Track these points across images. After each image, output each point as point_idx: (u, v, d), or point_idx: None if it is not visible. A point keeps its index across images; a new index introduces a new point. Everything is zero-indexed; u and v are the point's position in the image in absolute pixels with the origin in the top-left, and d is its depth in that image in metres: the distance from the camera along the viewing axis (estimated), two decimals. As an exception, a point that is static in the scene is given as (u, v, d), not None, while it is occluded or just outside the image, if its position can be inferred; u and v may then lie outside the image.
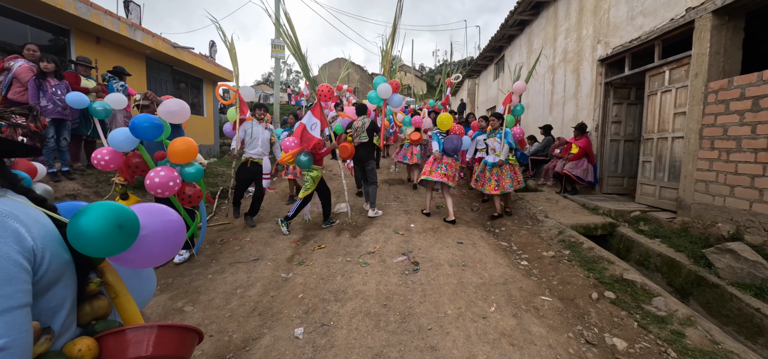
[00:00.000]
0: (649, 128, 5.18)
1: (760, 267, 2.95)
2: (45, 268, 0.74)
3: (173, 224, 1.04)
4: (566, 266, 3.51)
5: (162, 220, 1.02)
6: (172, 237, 1.04)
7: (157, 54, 7.72)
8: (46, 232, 0.77)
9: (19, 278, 0.66)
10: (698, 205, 4.02)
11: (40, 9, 5.36)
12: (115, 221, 0.82)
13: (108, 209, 0.83)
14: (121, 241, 0.84)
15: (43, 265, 0.73)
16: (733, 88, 3.67)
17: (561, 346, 2.31)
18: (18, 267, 0.67)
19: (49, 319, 0.77)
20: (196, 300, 2.92)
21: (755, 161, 3.41)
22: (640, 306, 2.78)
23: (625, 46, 5.41)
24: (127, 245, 0.87)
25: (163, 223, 1.02)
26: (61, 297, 0.79)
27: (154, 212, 1.03)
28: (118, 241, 0.84)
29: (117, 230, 0.82)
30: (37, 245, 0.72)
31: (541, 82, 8.54)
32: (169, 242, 1.03)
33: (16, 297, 0.65)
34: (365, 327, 2.48)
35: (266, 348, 2.30)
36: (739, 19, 3.94)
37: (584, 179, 6.05)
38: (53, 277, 0.76)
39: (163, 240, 1.01)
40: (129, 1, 7.81)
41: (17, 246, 0.68)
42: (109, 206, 0.84)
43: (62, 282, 0.79)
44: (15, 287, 0.65)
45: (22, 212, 0.74)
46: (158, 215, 1.02)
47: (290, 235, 4.40)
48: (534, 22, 8.96)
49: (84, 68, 4.96)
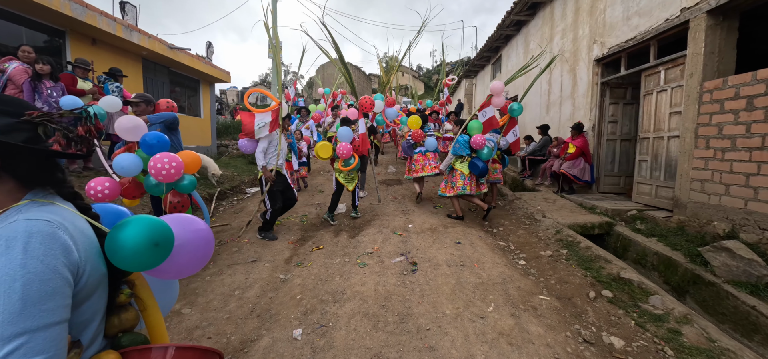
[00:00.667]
0: (645, 127, 5.21)
1: (755, 265, 2.97)
2: (84, 281, 0.73)
3: (203, 234, 1.03)
4: (564, 265, 3.52)
5: (192, 230, 1.01)
6: (202, 248, 1.03)
7: (153, 55, 7.69)
8: (89, 244, 0.75)
9: (63, 292, 0.66)
10: (694, 203, 4.05)
11: (34, 10, 5.32)
12: (151, 238, 0.82)
13: (146, 225, 0.82)
14: (156, 257, 0.84)
15: (83, 278, 0.72)
16: (727, 88, 3.70)
17: (559, 345, 2.32)
18: (64, 282, 0.66)
19: (80, 332, 0.75)
20: (194, 302, 2.91)
21: (750, 160, 3.44)
22: (637, 305, 2.79)
23: (620, 46, 5.44)
24: (162, 260, 0.87)
25: (193, 233, 1.01)
26: (94, 309, 0.78)
27: (184, 222, 1.02)
28: (153, 258, 0.84)
29: (153, 249, 0.82)
30: (81, 258, 0.71)
31: (538, 82, 8.56)
32: (199, 253, 1.03)
33: (59, 311, 0.64)
34: (364, 328, 2.48)
35: (265, 350, 2.29)
36: (733, 19, 3.97)
37: (581, 178, 6.08)
38: (89, 290, 0.75)
39: (193, 251, 1.01)
40: (125, 2, 7.77)
41: (64, 259, 0.67)
42: (147, 222, 0.83)
43: (96, 294, 0.78)
44: (59, 301, 0.64)
45: (70, 223, 0.73)
46: (188, 225, 1.01)
47: (288, 236, 4.39)
48: (530, 22, 8.99)
49: (82, 70, 4.93)
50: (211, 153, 9.85)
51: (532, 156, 7.85)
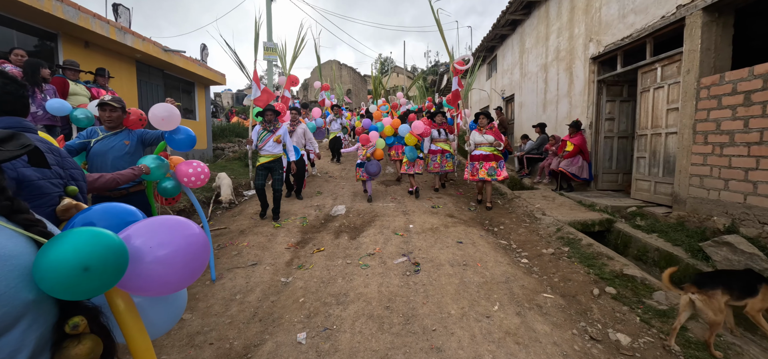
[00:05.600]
0: (642, 124, 5.24)
1: (756, 259, 2.99)
2: None
3: (194, 240, 0.88)
4: (566, 262, 3.52)
5: (183, 235, 0.85)
6: (192, 259, 0.87)
7: (147, 58, 7.59)
8: (3, 266, 0.60)
9: None
10: (693, 199, 4.07)
11: (25, 13, 5.22)
12: (78, 262, 0.63)
13: (73, 245, 0.64)
14: (89, 284, 0.66)
15: None
16: (724, 84, 3.73)
17: (566, 343, 2.30)
18: None
19: None
20: (194, 307, 2.86)
21: (748, 155, 3.46)
22: (641, 301, 2.79)
23: (617, 44, 5.47)
24: (106, 285, 0.70)
25: (184, 238, 0.85)
26: (14, 347, 0.61)
27: (174, 226, 0.86)
28: (85, 285, 0.65)
29: (81, 274, 0.64)
30: None
31: (535, 80, 8.61)
32: (189, 264, 0.86)
33: None
34: (369, 330, 2.45)
35: (269, 355, 2.25)
36: (728, 16, 4.00)
37: (579, 176, 6.10)
38: (6, 323, 0.59)
39: (182, 261, 0.84)
40: (118, 4, 7.67)
41: None
42: (77, 238, 0.66)
43: (19, 327, 0.62)
44: None
45: None
46: (179, 230, 0.85)
47: (288, 239, 4.34)
48: (526, 21, 9.03)
49: (72, 72, 4.84)
50: (207, 157, 9.76)
51: (530, 155, 7.87)
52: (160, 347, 2.37)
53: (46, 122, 4.21)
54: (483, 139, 5.47)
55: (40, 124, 4.17)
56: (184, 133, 2.81)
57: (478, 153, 5.48)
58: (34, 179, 1.17)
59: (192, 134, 2.89)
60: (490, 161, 5.38)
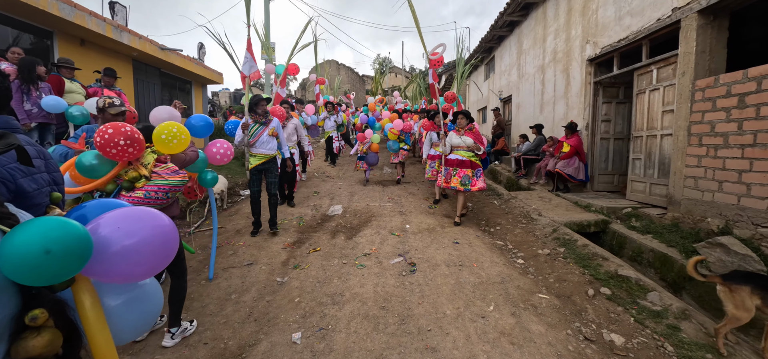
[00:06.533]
0: (638, 125, 5.27)
1: (749, 260, 3.01)
2: None
3: (161, 231, 0.93)
4: (562, 263, 3.53)
5: (151, 225, 0.91)
6: (159, 248, 0.92)
7: (144, 56, 7.56)
8: None
9: None
10: (688, 200, 4.10)
11: (21, 10, 5.19)
12: (40, 245, 0.66)
13: (36, 229, 0.67)
14: (54, 268, 0.68)
15: None
16: (719, 86, 3.75)
17: (560, 344, 2.31)
18: None
19: None
20: (188, 307, 2.84)
21: (742, 157, 3.49)
22: (635, 302, 2.81)
23: (613, 46, 5.50)
24: (69, 270, 0.72)
25: (152, 228, 0.90)
26: None
27: (143, 216, 0.91)
28: (50, 269, 0.67)
29: (42, 257, 0.66)
30: None
31: (532, 82, 8.64)
32: (156, 253, 0.91)
33: None
34: (364, 330, 2.45)
35: (264, 354, 2.25)
36: (723, 19, 4.03)
37: (576, 177, 6.12)
38: None
39: (149, 250, 0.89)
40: (114, 2, 7.64)
41: None
42: (40, 223, 0.68)
43: None
44: None
45: None
46: (148, 221, 0.91)
47: (284, 238, 4.33)
48: (523, 22, 9.06)
49: (67, 70, 4.81)
50: (204, 156, 9.72)
51: (527, 155, 7.90)
52: (155, 347, 2.36)
53: (40, 119, 4.18)
54: (460, 141, 4.75)
55: (34, 121, 4.15)
56: (202, 120, 3.06)
57: (453, 157, 4.77)
58: (30, 190, 1.16)
59: (209, 120, 3.12)
60: (465, 167, 4.68)
